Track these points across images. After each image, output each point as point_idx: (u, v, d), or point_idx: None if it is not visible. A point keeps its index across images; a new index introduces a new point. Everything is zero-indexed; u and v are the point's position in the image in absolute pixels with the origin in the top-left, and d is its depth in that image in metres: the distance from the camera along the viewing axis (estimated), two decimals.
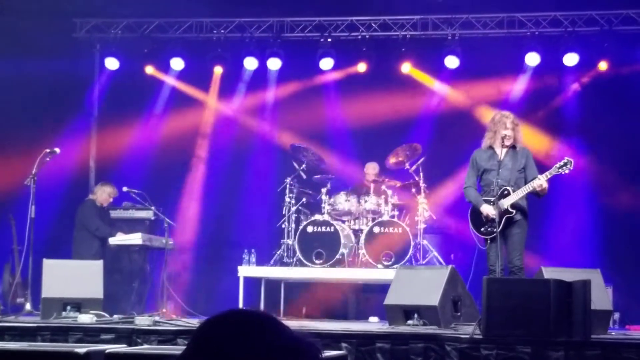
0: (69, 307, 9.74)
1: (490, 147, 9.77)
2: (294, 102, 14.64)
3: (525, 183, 9.63)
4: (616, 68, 13.60)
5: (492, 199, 9.45)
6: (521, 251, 9.50)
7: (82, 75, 14.37)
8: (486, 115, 10.60)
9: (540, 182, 9.35)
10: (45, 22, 13.28)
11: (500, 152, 9.62)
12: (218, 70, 14.62)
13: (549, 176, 9.47)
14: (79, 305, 9.77)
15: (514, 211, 9.46)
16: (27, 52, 13.29)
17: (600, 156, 13.53)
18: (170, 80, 14.81)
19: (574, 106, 14.05)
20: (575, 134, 13.96)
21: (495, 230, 9.41)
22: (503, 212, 9.39)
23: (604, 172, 13.38)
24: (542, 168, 9.84)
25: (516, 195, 9.46)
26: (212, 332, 2.43)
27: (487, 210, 9.50)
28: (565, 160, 9.41)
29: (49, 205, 12.77)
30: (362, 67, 14.46)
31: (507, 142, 9.54)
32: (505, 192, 9.48)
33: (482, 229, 9.64)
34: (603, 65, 13.60)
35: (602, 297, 8.96)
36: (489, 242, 9.58)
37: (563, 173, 9.45)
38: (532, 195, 9.59)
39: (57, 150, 11.03)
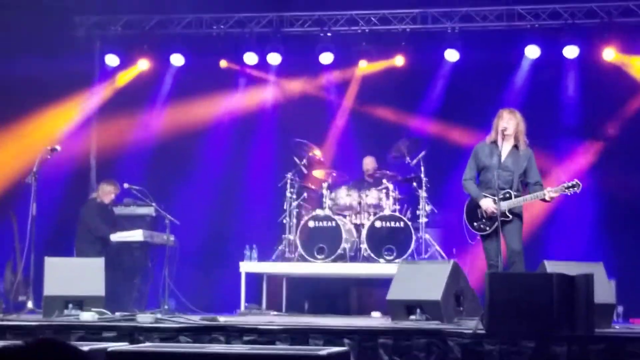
0: (70, 305, 9.69)
1: (493, 142, 9.72)
2: (294, 97, 14.63)
3: (526, 186, 9.59)
4: (616, 59, 13.59)
5: (492, 197, 9.41)
6: (519, 238, 9.46)
7: (83, 72, 14.34)
8: (488, 108, 10.53)
9: (552, 195, 9.32)
10: (45, 19, 13.25)
11: (502, 149, 9.56)
12: (222, 63, 14.63)
13: (554, 195, 9.39)
14: (80, 303, 9.73)
15: (511, 216, 9.43)
16: (27, 49, 13.25)
17: (603, 148, 13.53)
18: (170, 76, 14.83)
19: (574, 99, 14.04)
20: (577, 126, 13.96)
21: (487, 228, 9.42)
22: (500, 214, 9.36)
23: (607, 164, 13.37)
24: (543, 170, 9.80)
25: (517, 202, 9.42)
26: None
27: (487, 204, 9.44)
28: (573, 182, 9.31)
29: (50, 202, 12.77)
30: (363, 63, 14.49)
31: (506, 133, 9.48)
32: (507, 195, 9.43)
33: (475, 224, 9.61)
34: (607, 55, 13.56)
35: (605, 290, 8.92)
36: (483, 238, 9.55)
37: (568, 194, 9.41)
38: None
39: (58, 147, 10.99)
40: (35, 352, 2.59)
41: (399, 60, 14.40)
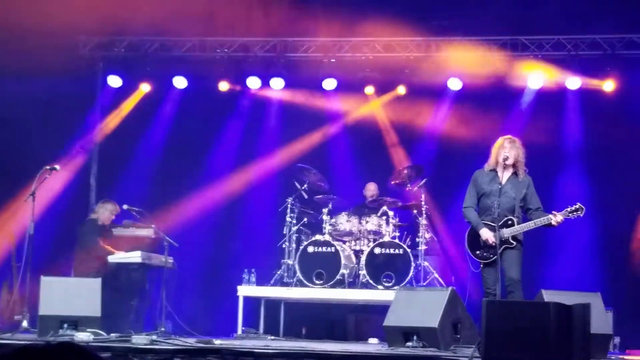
0: (66, 325, 9.63)
1: (493, 170, 9.71)
2: (296, 122, 14.64)
3: (525, 212, 9.56)
4: (619, 91, 13.61)
5: (492, 224, 9.36)
6: (518, 267, 9.41)
7: (85, 92, 14.36)
8: (488, 137, 10.54)
9: (557, 219, 9.28)
10: (49, 39, 13.27)
11: (502, 176, 9.55)
12: (224, 86, 14.63)
13: (560, 220, 9.34)
14: (76, 323, 9.67)
15: (515, 243, 9.39)
16: (30, 69, 13.25)
17: (602, 178, 13.53)
18: (172, 98, 14.85)
19: (575, 129, 14.06)
20: (576, 156, 13.96)
21: (491, 256, 9.37)
22: (502, 241, 9.33)
23: (605, 194, 13.35)
24: (543, 198, 9.78)
25: (521, 228, 9.37)
26: None
27: (487, 235, 9.41)
28: (577, 206, 9.30)
29: (49, 222, 12.74)
30: (368, 89, 14.53)
31: (507, 163, 9.48)
32: (510, 222, 9.39)
33: (478, 252, 9.57)
34: (607, 86, 13.61)
35: (602, 321, 8.89)
36: (482, 266, 9.53)
37: (572, 218, 9.38)
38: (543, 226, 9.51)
39: (57, 167, 10.97)
40: (56, 354, 2.62)
41: (401, 89, 14.46)
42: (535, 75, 13.72)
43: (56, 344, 2.69)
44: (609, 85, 13.64)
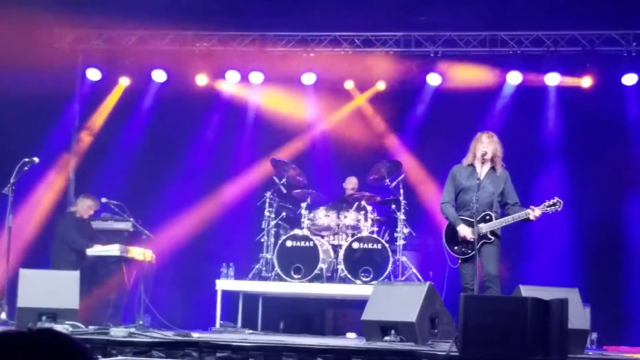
0: (44, 318, 9.63)
1: (471, 165, 9.75)
2: (275, 116, 14.62)
3: (503, 207, 9.62)
4: (596, 88, 13.68)
5: (471, 219, 9.40)
6: (495, 262, 9.47)
7: (64, 85, 14.27)
8: (469, 132, 10.57)
9: (535, 214, 9.33)
10: (27, 31, 13.20)
11: (480, 171, 9.59)
12: (203, 80, 14.59)
13: (538, 214, 9.39)
14: (54, 315, 9.67)
15: (493, 238, 9.44)
16: (8, 61, 13.19)
17: (579, 174, 13.60)
18: (151, 92, 14.80)
19: (553, 125, 14.12)
20: (554, 152, 14.03)
21: (469, 251, 9.41)
22: (481, 237, 9.37)
23: (583, 190, 13.43)
24: (521, 194, 9.83)
25: (499, 223, 9.43)
26: None
27: (465, 232, 9.46)
28: (554, 200, 9.37)
29: (28, 215, 12.68)
30: (348, 84, 14.54)
31: (486, 157, 9.54)
32: (487, 217, 9.44)
33: (456, 248, 9.62)
34: (586, 82, 13.70)
35: (579, 316, 8.95)
36: (460, 261, 9.58)
37: (550, 212, 9.44)
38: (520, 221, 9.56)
39: (36, 159, 10.93)
40: (36, 339, 2.61)
41: (381, 85, 14.49)
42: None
43: (37, 329, 2.70)
44: (587, 82, 13.74)
